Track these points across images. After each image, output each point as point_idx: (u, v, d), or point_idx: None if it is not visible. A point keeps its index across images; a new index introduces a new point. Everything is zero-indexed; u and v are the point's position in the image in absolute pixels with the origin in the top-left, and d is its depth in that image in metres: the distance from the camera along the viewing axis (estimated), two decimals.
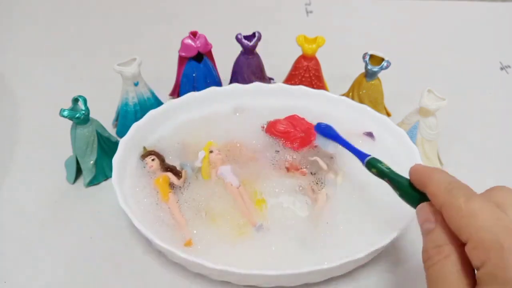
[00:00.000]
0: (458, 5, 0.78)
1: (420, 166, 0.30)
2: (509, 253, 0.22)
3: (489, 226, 0.23)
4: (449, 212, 0.25)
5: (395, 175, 0.32)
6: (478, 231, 0.23)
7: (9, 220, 0.42)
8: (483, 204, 0.24)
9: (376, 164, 0.34)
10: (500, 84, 0.61)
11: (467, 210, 0.24)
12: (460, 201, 0.25)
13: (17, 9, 0.75)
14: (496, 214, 0.24)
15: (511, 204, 0.25)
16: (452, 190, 0.26)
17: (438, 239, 0.26)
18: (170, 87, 0.55)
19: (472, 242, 0.23)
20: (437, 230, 0.26)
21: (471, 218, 0.24)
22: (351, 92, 0.51)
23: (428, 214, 0.27)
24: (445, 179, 0.27)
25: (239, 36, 0.50)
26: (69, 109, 0.41)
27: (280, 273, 0.32)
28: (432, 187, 0.27)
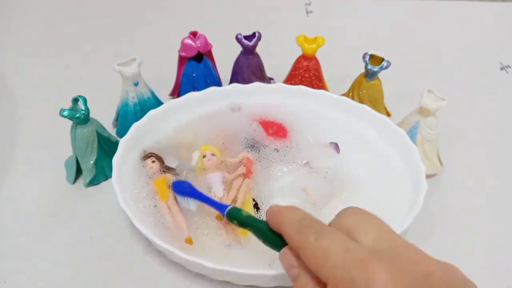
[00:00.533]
0: (458, 5, 0.78)
1: (275, 207, 0.29)
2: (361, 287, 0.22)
3: (340, 262, 0.23)
4: (303, 254, 0.25)
5: (256, 221, 0.31)
6: (332, 270, 0.23)
7: (9, 220, 0.42)
8: (332, 239, 0.24)
9: (236, 214, 0.33)
10: (500, 84, 0.61)
11: (318, 249, 0.24)
12: (310, 240, 0.25)
13: (17, 9, 0.75)
14: (345, 246, 0.24)
15: (360, 227, 0.25)
16: (303, 230, 0.26)
17: (304, 283, 0.25)
18: (170, 87, 0.55)
19: (331, 283, 0.23)
20: (302, 275, 0.26)
21: (324, 258, 0.24)
22: (351, 92, 0.51)
23: (291, 259, 0.26)
24: (295, 217, 0.27)
25: (239, 36, 0.50)
26: (69, 109, 0.41)
27: (280, 273, 0.32)
28: (285, 229, 0.27)
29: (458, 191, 0.46)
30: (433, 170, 0.46)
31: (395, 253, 0.24)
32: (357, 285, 0.22)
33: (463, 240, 0.41)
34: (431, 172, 0.45)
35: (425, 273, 0.22)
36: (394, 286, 0.21)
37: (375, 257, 0.23)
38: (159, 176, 0.41)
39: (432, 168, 0.45)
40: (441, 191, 0.45)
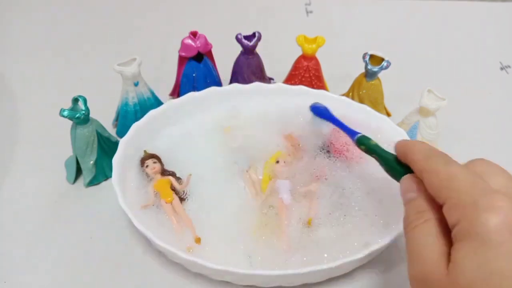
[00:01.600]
0: (458, 5, 0.78)
1: (404, 140, 0.31)
2: (482, 210, 0.22)
3: (465, 187, 0.24)
4: (428, 176, 0.26)
5: (382, 151, 0.34)
6: (455, 192, 0.24)
7: (9, 220, 0.42)
8: (461, 169, 0.25)
9: (365, 141, 0.36)
10: (500, 84, 0.61)
11: (445, 173, 0.25)
12: (439, 166, 0.26)
13: (17, 9, 0.75)
14: (472, 177, 0.25)
15: (489, 173, 0.26)
16: (432, 157, 0.27)
17: (419, 206, 0.27)
18: (170, 87, 0.55)
19: (449, 202, 0.24)
20: (419, 198, 0.27)
21: (449, 181, 0.25)
22: (351, 92, 0.51)
23: (411, 184, 0.28)
24: (425, 147, 0.28)
25: (239, 36, 0.50)
26: (69, 109, 0.41)
27: (280, 273, 0.32)
28: (413, 155, 0.28)
29: None
30: None
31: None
32: (478, 206, 0.22)
33: None
34: None
35: None
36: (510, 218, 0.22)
37: (501, 193, 0.23)
38: (161, 178, 0.41)
39: None
40: None
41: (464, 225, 0.23)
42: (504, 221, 0.22)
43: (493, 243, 0.22)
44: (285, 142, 0.44)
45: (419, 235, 0.26)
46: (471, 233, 0.22)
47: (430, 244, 0.25)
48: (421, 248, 0.25)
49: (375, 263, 0.38)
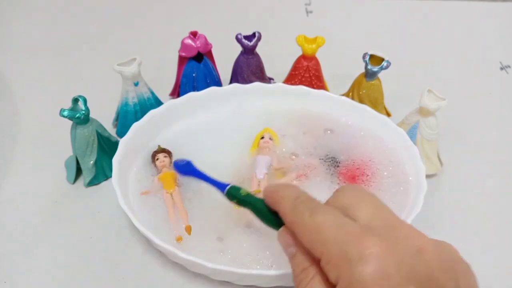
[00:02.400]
0: (458, 5, 0.78)
1: (272, 185, 0.29)
2: (354, 263, 0.21)
3: (333, 237, 0.23)
4: (297, 230, 0.25)
5: (254, 200, 0.31)
6: (325, 245, 0.23)
7: (9, 220, 0.42)
8: (326, 215, 0.24)
9: (235, 193, 0.33)
10: (500, 84, 0.61)
11: (311, 225, 0.24)
12: (305, 217, 0.25)
13: (17, 9, 0.75)
14: (339, 221, 0.24)
15: (356, 204, 0.25)
16: (298, 207, 0.26)
17: (301, 262, 0.25)
18: (170, 87, 0.55)
19: (323, 258, 0.23)
20: (299, 254, 0.26)
21: (317, 233, 0.24)
22: (351, 92, 0.51)
23: (288, 238, 0.26)
24: (291, 195, 0.27)
25: (239, 36, 0.50)
26: (69, 109, 0.41)
27: (280, 273, 0.32)
28: (281, 207, 0.27)
29: (458, 191, 0.46)
30: (433, 170, 0.46)
31: (389, 229, 0.24)
32: (350, 259, 0.22)
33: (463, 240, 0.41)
34: (431, 172, 0.45)
35: (418, 248, 0.22)
36: (386, 259, 0.21)
37: (368, 233, 0.23)
38: (168, 170, 0.42)
39: (432, 168, 0.45)
40: (441, 191, 0.45)
41: (344, 283, 0.22)
42: (379, 270, 0.21)
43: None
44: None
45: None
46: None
47: None
48: None
49: None
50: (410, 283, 0.21)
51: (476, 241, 0.41)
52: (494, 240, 0.41)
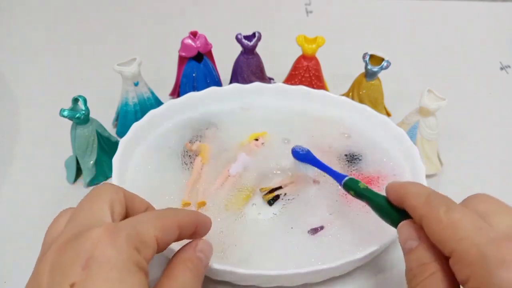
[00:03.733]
0: (458, 5, 0.78)
1: (396, 182, 0.29)
2: (493, 267, 0.21)
3: (471, 237, 0.22)
4: (429, 224, 0.24)
5: (374, 195, 0.31)
6: (461, 243, 0.22)
7: (9, 220, 0.42)
8: (464, 214, 0.23)
9: (353, 185, 0.33)
10: (500, 84, 0.61)
11: (448, 221, 0.23)
12: (440, 212, 0.24)
13: (17, 9, 0.75)
14: (478, 224, 0.23)
15: (493, 212, 0.24)
16: (431, 202, 0.25)
17: (422, 256, 0.25)
18: (170, 87, 0.55)
19: (455, 255, 0.23)
20: (421, 248, 0.25)
21: (453, 230, 0.23)
22: (351, 92, 0.51)
23: (411, 232, 0.26)
24: (423, 191, 0.26)
25: (239, 36, 0.50)
26: (69, 109, 0.41)
27: (280, 273, 0.32)
28: (411, 200, 0.26)
29: (458, 191, 0.45)
30: (433, 170, 0.46)
31: None
32: (488, 262, 0.21)
33: None
34: (431, 172, 0.45)
35: None
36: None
37: (509, 239, 0.22)
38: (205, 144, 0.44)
39: (432, 168, 0.45)
40: (441, 191, 0.45)
41: (475, 284, 0.21)
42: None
43: None
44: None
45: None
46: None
47: None
48: None
49: (374, 263, 0.38)
50: None
51: None
52: None
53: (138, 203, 0.29)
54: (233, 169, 0.42)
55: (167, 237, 0.26)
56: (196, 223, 0.29)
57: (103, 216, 0.25)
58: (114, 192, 0.27)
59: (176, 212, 0.29)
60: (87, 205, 0.27)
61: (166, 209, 0.29)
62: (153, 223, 0.26)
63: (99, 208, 0.26)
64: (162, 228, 0.26)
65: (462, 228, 0.23)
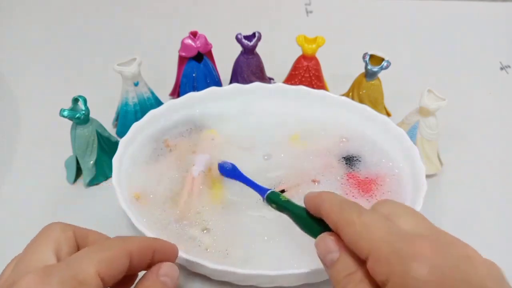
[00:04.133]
0: (458, 5, 0.78)
1: (312, 192, 0.29)
2: (409, 260, 0.22)
3: (384, 236, 0.23)
4: (344, 228, 0.25)
5: (294, 207, 0.31)
6: (375, 243, 0.23)
7: (9, 220, 0.42)
8: (375, 216, 0.25)
9: (274, 198, 0.34)
10: (500, 84, 0.61)
11: (360, 224, 0.24)
12: (353, 216, 0.25)
13: (17, 9, 0.75)
14: (387, 224, 0.24)
15: (397, 214, 0.25)
16: (345, 208, 0.26)
17: (346, 266, 0.25)
18: (170, 87, 0.55)
19: (372, 256, 0.23)
20: (343, 258, 0.25)
21: (366, 232, 0.24)
22: (351, 92, 0.51)
23: (330, 244, 0.26)
24: (336, 199, 0.27)
25: (239, 36, 0.50)
26: (69, 109, 0.41)
27: (280, 273, 0.32)
28: (325, 207, 0.27)
29: (458, 191, 0.46)
30: (433, 170, 0.46)
31: (435, 236, 0.24)
32: (403, 257, 0.22)
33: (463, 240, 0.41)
34: (431, 172, 0.45)
35: (468, 255, 0.23)
36: (438, 261, 0.21)
37: (418, 236, 0.23)
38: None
39: (432, 168, 0.45)
40: (441, 191, 0.45)
41: (394, 280, 0.22)
42: (433, 270, 0.21)
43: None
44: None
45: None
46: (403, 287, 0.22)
47: None
48: None
49: None
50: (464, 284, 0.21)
51: (476, 241, 0.40)
52: (495, 240, 0.41)
53: (93, 238, 0.29)
54: (194, 170, 0.42)
55: (113, 269, 0.25)
56: (152, 249, 0.28)
57: (45, 259, 0.25)
58: (61, 231, 0.27)
59: (125, 240, 0.27)
60: (30, 249, 0.26)
61: (113, 238, 0.28)
62: (93, 258, 0.24)
63: (41, 251, 0.25)
64: (106, 261, 0.25)
65: (374, 228, 0.24)
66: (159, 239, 0.30)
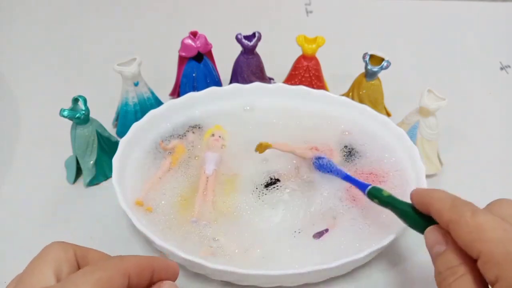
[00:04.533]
0: (459, 5, 0.78)
1: (420, 188, 0.30)
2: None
3: (498, 238, 0.23)
4: (456, 228, 0.25)
5: (398, 202, 0.32)
6: (488, 244, 0.23)
7: (9, 220, 0.42)
8: (489, 217, 0.25)
9: (377, 194, 0.34)
10: (500, 84, 0.61)
11: (474, 224, 0.24)
12: (466, 216, 0.25)
13: (17, 8, 0.75)
14: (502, 225, 0.24)
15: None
16: (457, 207, 0.26)
17: (450, 260, 0.26)
18: (170, 87, 0.55)
19: (483, 256, 0.23)
20: (449, 251, 0.26)
21: (479, 232, 0.24)
22: (351, 92, 0.51)
23: (438, 237, 0.27)
24: (448, 197, 0.28)
25: (239, 36, 0.50)
26: (69, 109, 0.41)
27: (280, 273, 0.32)
28: (436, 206, 0.27)
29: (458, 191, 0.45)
30: (433, 170, 0.46)
31: None
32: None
33: None
34: (431, 172, 0.45)
35: None
36: None
37: None
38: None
39: (432, 168, 0.45)
40: None
41: (505, 283, 0.22)
42: None
43: None
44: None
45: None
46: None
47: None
48: None
49: (375, 263, 0.38)
50: None
51: None
52: None
53: (93, 257, 0.28)
54: (208, 169, 0.42)
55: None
56: (151, 268, 0.28)
57: (45, 280, 0.25)
58: (62, 251, 0.27)
59: (122, 259, 0.27)
60: (30, 270, 0.26)
61: (111, 257, 0.28)
62: (90, 279, 0.24)
63: (41, 272, 0.25)
64: (103, 282, 0.24)
65: (488, 230, 0.24)
66: (159, 257, 0.30)
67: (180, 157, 0.43)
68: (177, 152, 0.44)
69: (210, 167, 0.42)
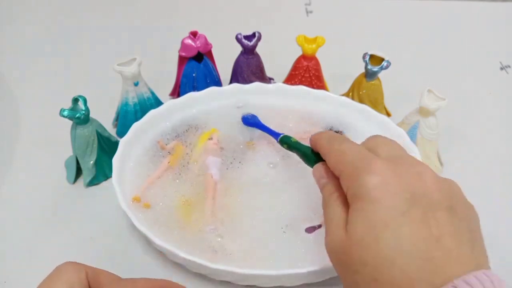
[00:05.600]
0: (459, 5, 0.78)
1: (316, 133, 0.34)
2: (363, 174, 0.26)
3: (352, 159, 0.28)
4: (328, 156, 0.30)
5: (301, 146, 0.37)
6: (344, 164, 0.28)
7: (9, 220, 0.42)
8: (352, 145, 0.29)
9: (286, 140, 0.39)
10: (500, 84, 0.61)
11: (338, 150, 0.29)
12: (335, 145, 0.30)
13: (17, 8, 0.75)
14: (359, 150, 0.28)
15: (378, 145, 0.29)
16: (331, 139, 0.31)
17: (330, 188, 0.30)
18: (170, 87, 0.55)
19: (342, 175, 0.28)
20: (329, 183, 0.30)
21: (341, 156, 0.29)
22: (351, 92, 0.51)
23: (321, 171, 0.31)
24: (328, 134, 0.33)
25: (239, 36, 0.50)
26: (69, 109, 0.41)
27: (280, 273, 0.32)
28: (319, 142, 0.32)
29: None
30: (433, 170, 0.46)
31: (398, 158, 0.28)
32: (359, 172, 0.26)
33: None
34: None
35: (419, 171, 0.26)
36: (389, 174, 0.25)
37: (379, 159, 0.27)
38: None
39: (432, 168, 0.45)
40: None
41: (352, 190, 0.26)
42: (381, 181, 0.25)
43: (372, 200, 0.25)
44: None
45: (329, 209, 0.29)
46: (357, 194, 0.26)
47: (336, 215, 0.28)
48: (330, 221, 0.28)
49: None
50: (406, 192, 0.25)
51: None
52: (494, 240, 0.41)
53: (104, 279, 0.29)
54: (215, 174, 0.42)
55: None
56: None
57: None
58: (74, 272, 0.27)
59: (134, 283, 0.29)
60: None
61: (122, 280, 0.29)
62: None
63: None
64: None
65: (347, 153, 0.29)
66: (169, 281, 0.31)
67: (179, 157, 0.43)
68: (177, 152, 0.44)
69: (216, 172, 0.42)
